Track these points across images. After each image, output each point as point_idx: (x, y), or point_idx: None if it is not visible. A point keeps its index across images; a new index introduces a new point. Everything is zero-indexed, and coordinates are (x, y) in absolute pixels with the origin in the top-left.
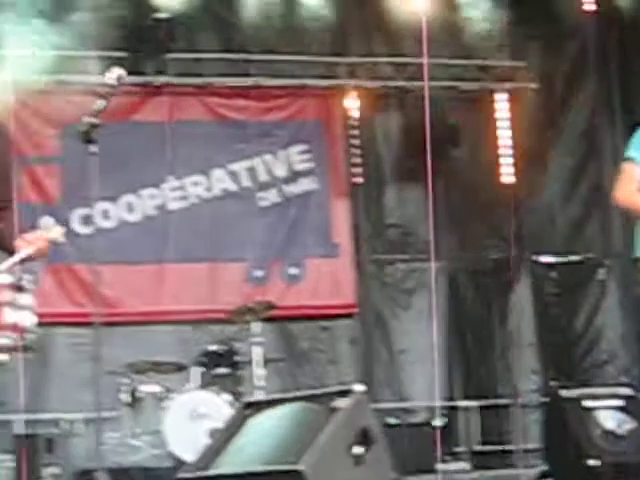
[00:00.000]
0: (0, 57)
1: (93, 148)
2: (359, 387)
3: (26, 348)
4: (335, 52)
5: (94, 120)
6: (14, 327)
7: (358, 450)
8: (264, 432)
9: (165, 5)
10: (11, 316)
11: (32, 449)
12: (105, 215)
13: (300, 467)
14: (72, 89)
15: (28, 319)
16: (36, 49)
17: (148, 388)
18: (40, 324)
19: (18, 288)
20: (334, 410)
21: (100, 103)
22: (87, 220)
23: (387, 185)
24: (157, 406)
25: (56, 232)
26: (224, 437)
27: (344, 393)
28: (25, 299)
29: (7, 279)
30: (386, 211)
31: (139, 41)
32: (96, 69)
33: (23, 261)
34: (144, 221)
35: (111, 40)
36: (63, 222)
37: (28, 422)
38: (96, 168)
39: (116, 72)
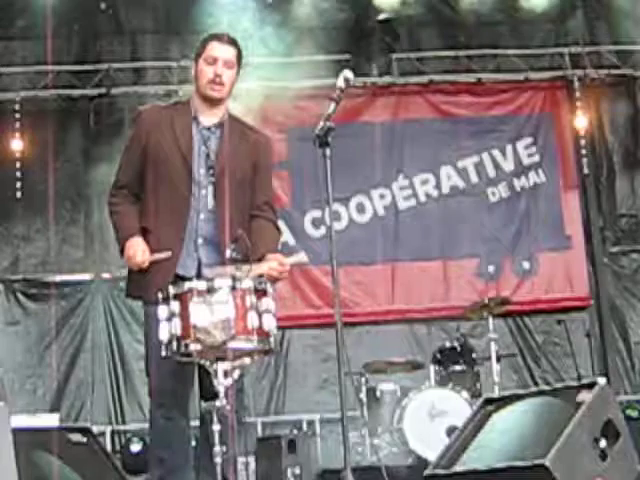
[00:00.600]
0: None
1: (327, 151)
2: (602, 380)
3: (267, 352)
4: (558, 43)
5: (328, 124)
6: (258, 331)
7: (603, 444)
8: (508, 427)
9: (387, 6)
10: (254, 320)
11: (274, 450)
12: (336, 216)
13: (545, 462)
14: (297, 94)
15: (270, 323)
16: (262, 56)
17: (386, 387)
18: (278, 327)
19: (261, 293)
20: (578, 404)
21: (332, 106)
22: (318, 222)
23: (617, 175)
24: (396, 405)
25: (301, 257)
26: (467, 434)
27: (587, 386)
28: (267, 303)
29: (249, 284)
30: (617, 201)
31: (363, 43)
32: (321, 73)
33: (260, 276)
34: (374, 221)
35: (335, 43)
36: (296, 225)
37: (269, 424)
38: (329, 171)
39: (345, 75)
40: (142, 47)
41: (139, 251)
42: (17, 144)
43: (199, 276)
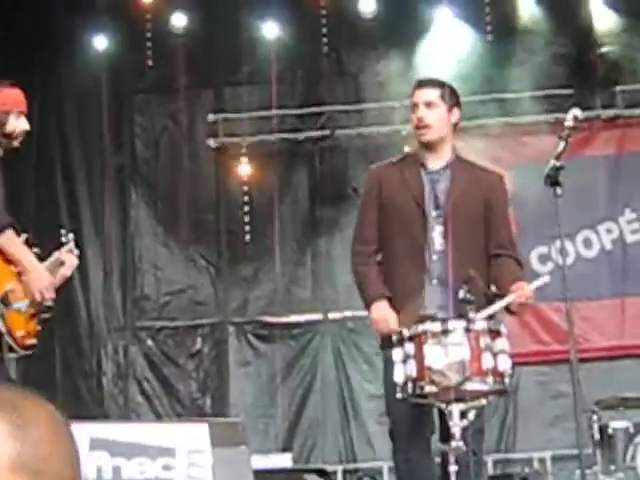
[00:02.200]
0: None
1: (559, 190)
2: None
3: (502, 392)
4: None
5: (558, 162)
6: (492, 372)
7: None
8: None
9: (608, 37)
10: (489, 361)
11: None
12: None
13: None
14: (519, 129)
15: (505, 364)
16: (484, 92)
17: (619, 424)
18: (513, 367)
19: (495, 333)
20: None
21: (561, 145)
22: (544, 258)
23: None
24: (629, 442)
25: (544, 280)
26: None
27: None
28: (501, 344)
29: (483, 325)
30: None
31: (585, 75)
32: (543, 107)
33: (491, 317)
34: (602, 255)
35: (557, 77)
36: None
37: (500, 462)
38: (559, 209)
39: (574, 113)
40: (364, 88)
41: (381, 322)
42: (244, 188)
43: (434, 318)
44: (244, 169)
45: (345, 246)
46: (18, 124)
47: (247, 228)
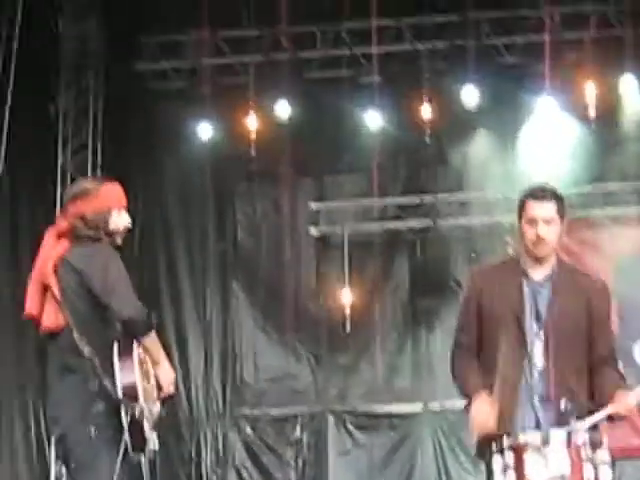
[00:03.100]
0: None
1: None
2: None
3: None
4: None
5: None
6: None
7: None
8: None
9: None
10: (590, 474)
11: None
12: None
13: None
14: (625, 220)
15: (606, 475)
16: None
17: None
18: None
19: (596, 444)
20: None
21: None
22: None
23: None
24: None
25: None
26: None
27: None
28: (602, 455)
29: (584, 437)
30: None
31: None
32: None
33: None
34: None
35: None
36: (623, 354)
37: None
38: None
39: None
40: (466, 177)
41: (477, 423)
42: (344, 277)
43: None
44: (344, 257)
45: (445, 337)
46: (120, 220)
47: (347, 317)
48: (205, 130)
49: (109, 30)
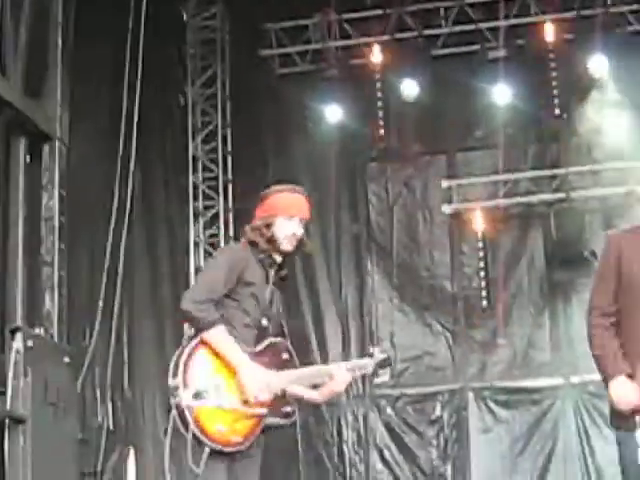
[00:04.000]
0: None
1: None
2: None
3: None
4: None
5: None
6: None
7: None
8: None
9: None
10: None
11: None
12: None
13: None
14: None
15: None
16: None
17: None
18: None
19: None
20: None
21: None
22: None
23: None
24: None
25: None
26: None
27: None
28: None
29: None
30: None
31: None
32: None
33: None
34: None
35: None
36: None
37: None
38: None
39: None
40: (597, 149)
41: (623, 402)
42: (479, 253)
43: None
44: (479, 234)
45: (582, 309)
46: (284, 229)
47: (483, 293)
48: (334, 112)
49: (233, 18)
